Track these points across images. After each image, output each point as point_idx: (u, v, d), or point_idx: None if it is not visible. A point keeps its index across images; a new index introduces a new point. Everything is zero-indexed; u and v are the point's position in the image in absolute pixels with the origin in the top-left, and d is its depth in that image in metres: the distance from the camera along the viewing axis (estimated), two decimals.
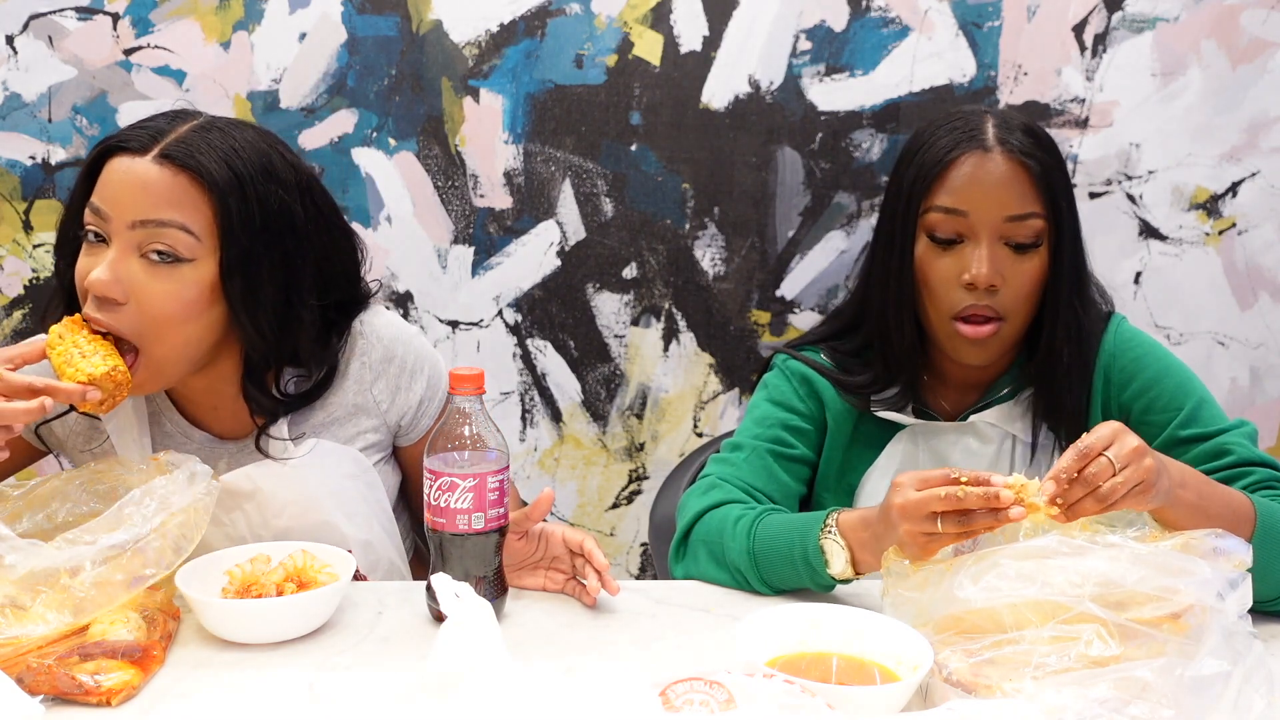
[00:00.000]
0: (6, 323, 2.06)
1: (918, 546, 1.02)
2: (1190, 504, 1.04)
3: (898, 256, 1.25)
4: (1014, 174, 1.19)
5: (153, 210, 1.11)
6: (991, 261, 1.18)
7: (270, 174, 1.16)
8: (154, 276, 1.12)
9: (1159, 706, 0.81)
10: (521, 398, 2.13)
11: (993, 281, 1.19)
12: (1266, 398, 2.13)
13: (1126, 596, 0.90)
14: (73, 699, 0.93)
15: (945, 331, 1.24)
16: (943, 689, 0.89)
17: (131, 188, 1.11)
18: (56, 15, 1.98)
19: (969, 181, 1.19)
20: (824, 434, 1.34)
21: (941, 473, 1.02)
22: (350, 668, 1.01)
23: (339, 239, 1.25)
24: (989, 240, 1.19)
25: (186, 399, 1.27)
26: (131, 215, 1.11)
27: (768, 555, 1.17)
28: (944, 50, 2.01)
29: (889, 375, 1.29)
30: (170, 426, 1.27)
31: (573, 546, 1.19)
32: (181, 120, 1.16)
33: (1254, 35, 2.01)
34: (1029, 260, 1.21)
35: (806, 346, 1.37)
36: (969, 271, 1.19)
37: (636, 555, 2.19)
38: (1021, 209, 1.19)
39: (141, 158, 1.12)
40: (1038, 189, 1.19)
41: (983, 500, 0.98)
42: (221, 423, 1.28)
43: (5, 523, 1.02)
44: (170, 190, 1.11)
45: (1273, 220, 2.07)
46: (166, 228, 1.11)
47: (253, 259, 1.14)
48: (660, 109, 2.03)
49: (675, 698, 0.80)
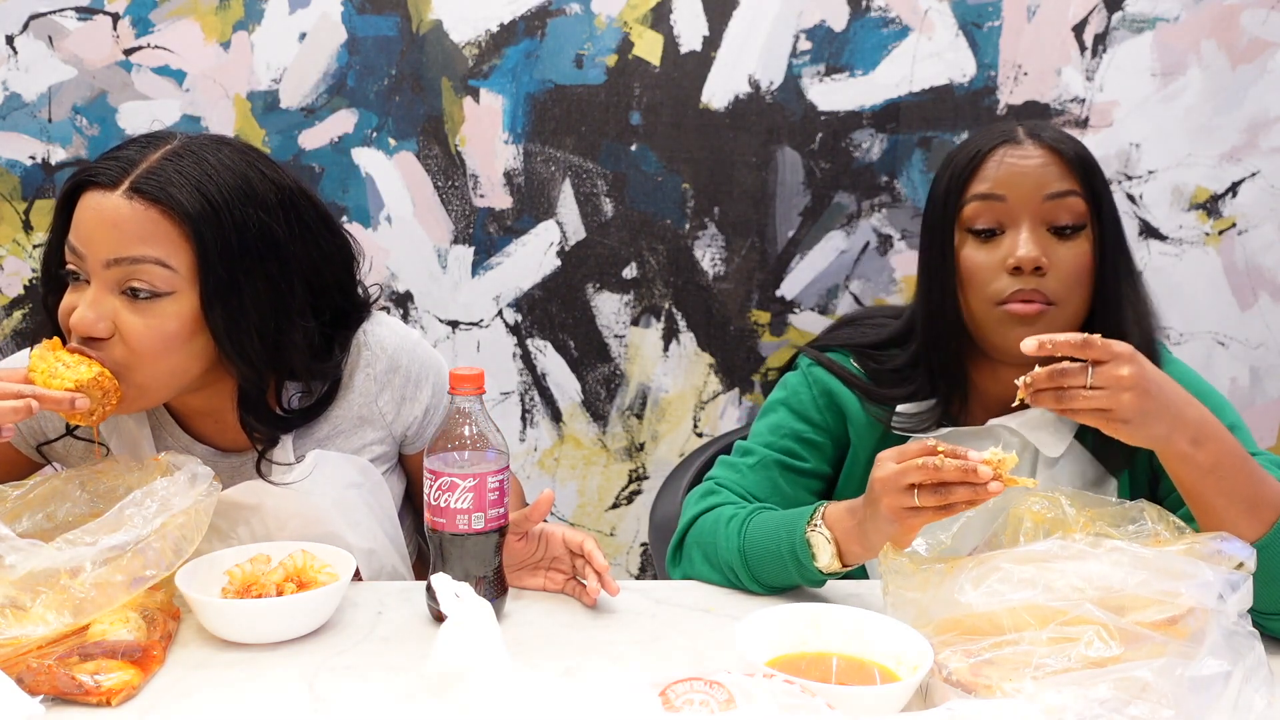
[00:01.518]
0: (6, 323, 2.06)
1: (899, 522, 1.02)
2: (1201, 466, 1.02)
3: (940, 258, 1.21)
4: (1048, 157, 1.17)
5: (126, 247, 1.08)
6: (1035, 242, 1.16)
7: (248, 196, 1.12)
8: (135, 311, 1.10)
9: (1159, 706, 0.81)
10: (521, 398, 2.13)
11: (1038, 262, 1.15)
12: (1266, 398, 2.13)
13: (1127, 600, 0.90)
14: (73, 699, 0.93)
15: (993, 320, 1.18)
16: (943, 689, 0.89)
17: (104, 226, 1.09)
18: (56, 15, 1.98)
19: (1004, 168, 1.18)
20: (840, 448, 1.31)
21: (919, 445, 1.02)
22: (350, 668, 1.01)
23: (329, 250, 1.22)
24: (1030, 223, 1.16)
25: (187, 414, 1.26)
26: (106, 254, 1.09)
27: (757, 553, 1.16)
28: (944, 50, 2.01)
29: (931, 389, 1.25)
30: (172, 442, 1.26)
31: (573, 547, 1.18)
32: (154, 147, 1.13)
33: (1254, 35, 2.01)
34: (1074, 244, 1.17)
35: (836, 349, 1.33)
36: (1013, 255, 1.16)
37: (636, 555, 2.19)
38: (1061, 186, 1.16)
39: (112, 193, 1.09)
40: (1073, 170, 1.17)
41: (960, 473, 0.98)
42: (224, 435, 1.26)
43: (5, 523, 1.02)
44: (142, 226, 1.09)
45: (1273, 220, 2.07)
46: (142, 264, 1.09)
47: (233, 287, 1.12)
48: (660, 109, 2.03)
49: (675, 698, 0.80)
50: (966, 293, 1.20)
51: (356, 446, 1.28)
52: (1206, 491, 1.03)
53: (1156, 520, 1.03)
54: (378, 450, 1.30)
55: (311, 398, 1.24)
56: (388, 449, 1.31)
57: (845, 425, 1.29)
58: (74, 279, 1.12)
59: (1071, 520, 1.04)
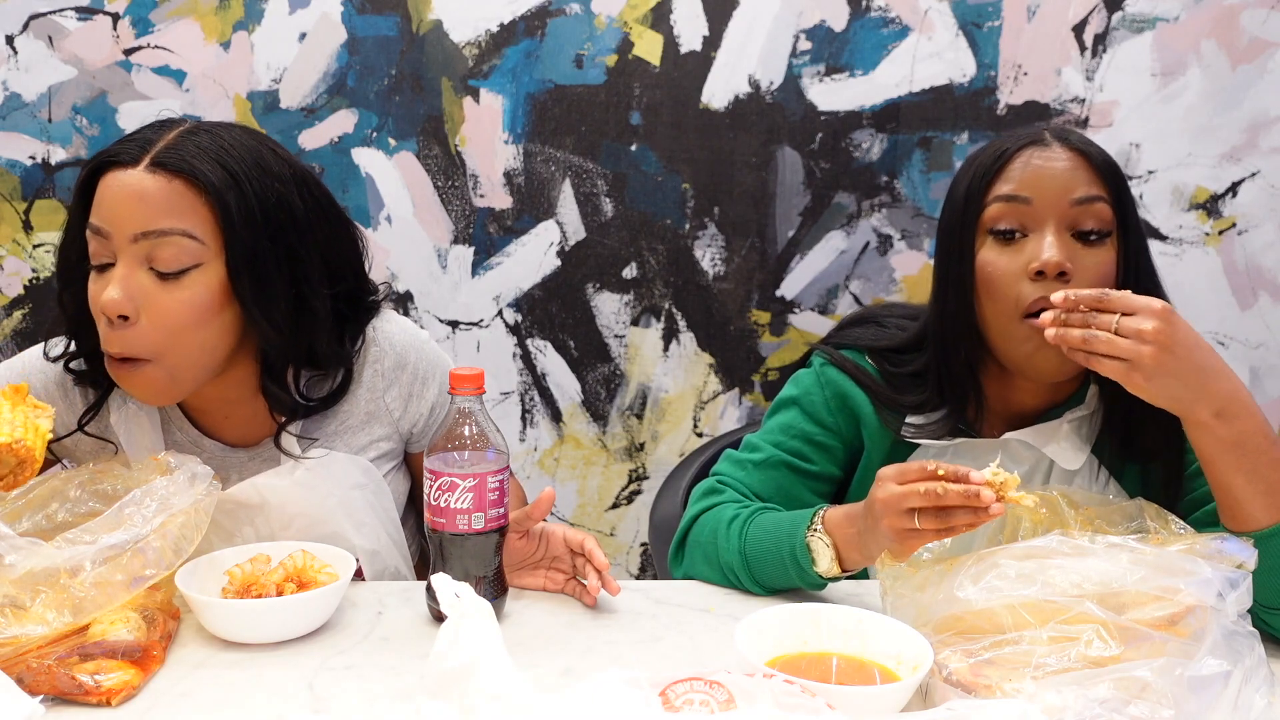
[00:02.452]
0: (6, 323, 2.06)
1: (899, 541, 1.01)
2: (1223, 440, 1.00)
3: (957, 262, 1.16)
4: (1076, 160, 1.13)
5: (153, 221, 1.10)
6: (1061, 247, 1.11)
7: (264, 169, 1.15)
8: (163, 288, 1.11)
9: (1159, 706, 0.81)
10: (521, 398, 2.13)
11: (1064, 267, 1.09)
12: (1266, 398, 2.13)
13: (1127, 597, 0.90)
14: (73, 699, 0.93)
15: (1016, 338, 1.13)
16: (943, 689, 0.89)
17: (129, 201, 1.10)
18: (56, 15, 1.98)
19: (1031, 170, 1.14)
20: (852, 451, 1.28)
21: (919, 466, 1.00)
22: (350, 668, 1.01)
23: (339, 230, 1.24)
24: (1055, 227, 1.12)
25: (198, 409, 1.27)
26: (132, 229, 1.10)
27: (758, 555, 1.16)
28: (944, 50, 2.01)
29: (940, 399, 1.21)
30: (181, 436, 1.27)
31: (573, 546, 1.18)
32: (168, 128, 1.15)
33: (1254, 35, 2.01)
34: (1099, 252, 1.13)
35: (850, 348, 1.29)
36: (1038, 259, 1.10)
37: (636, 555, 2.19)
38: (1088, 191, 1.12)
39: (134, 169, 1.11)
40: (1101, 175, 1.14)
41: (962, 498, 0.96)
42: (233, 430, 1.27)
43: (5, 522, 1.01)
44: (167, 199, 1.10)
45: (1273, 220, 2.07)
46: (169, 235, 1.10)
47: (258, 254, 1.14)
48: (660, 109, 2.03)
49: (675, 698, 0.80)
50: (984, 299, 1.15)
51: (364, 443, 1.28)
52: (1226, 467, 1.02)
53: (1155, 519, 1.02)
54: (384, 447, 1.30)
55: (324, 388, 1.25)
56: (394, 446, 1.31)
57: (858, 429, 1.26)
58: (98, 268, 1.13)
59: (1070, 520, 1.04)
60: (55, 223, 2.03)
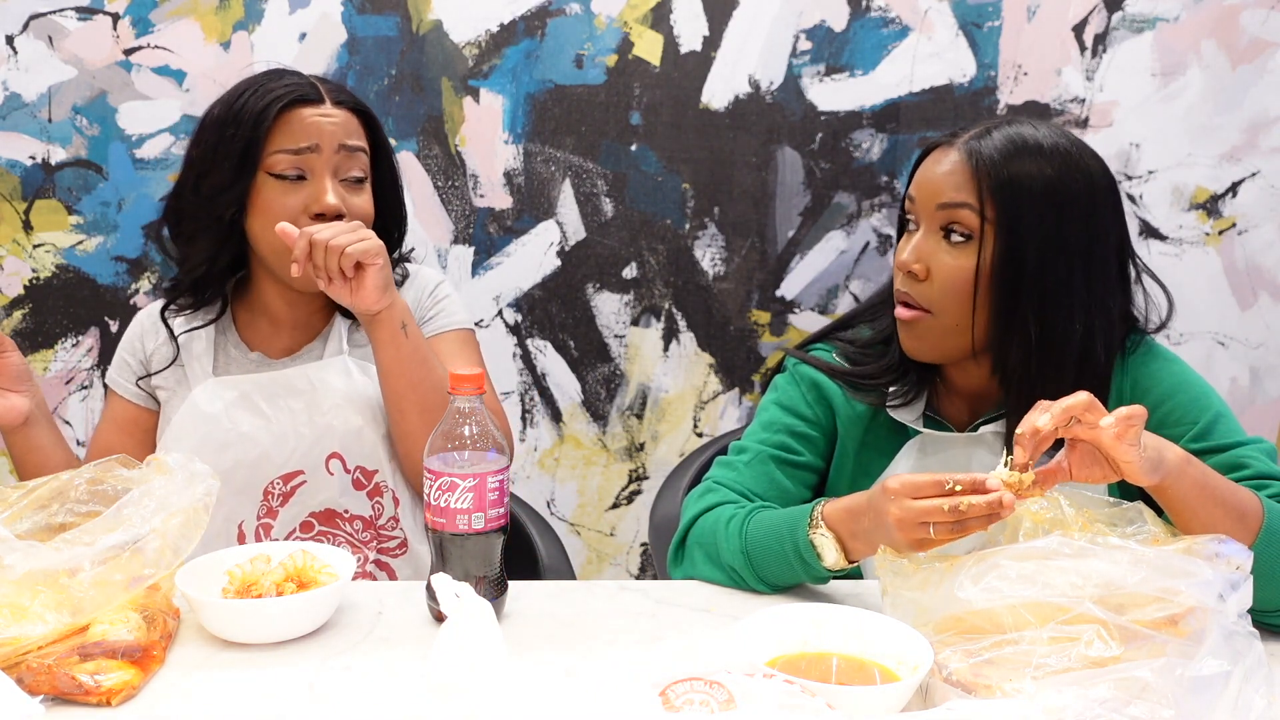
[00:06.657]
0: (7, 323, 2.06)
1: (913, 549, 1.03)
2: (1195, 480, 1.03)
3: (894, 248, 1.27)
4: (958, 166, 1.18)
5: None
6: (917, 246, 1.20)
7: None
8: (354, 193, 1.38)
9: (1159, 706, 0.81)
10: (521, 398, 2.13)
11: (911, 266, 1.19)
12: (1266, 398, 2.13)
13: (1127, 598, 0.90)
14: (73, 699, 0.93)
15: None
16: (943, 689, 0.89)
17: (331, 132, 1.35)
18: (56, 15, 1.98)
19: (922, 170, 1.22)
20: (830, 440, 1.33)
21: (933, 480, 1.01)
22: (350, 668, 1.01)
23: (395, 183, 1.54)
24: (926, 227, 1.20)
25: (250, 317, 1.46)
26: (338, 140, 1.36)
27: (761, 554, 1.17)
28: (944, 50, 2.01)
29: (903, 365, 1.28)
30: (232, 349, 1.44)
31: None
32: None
33: (1254, 35, 2.01)
34: (959, 255, 1.18)
35: (817, 345, 1.36)
36: (900, 256, 1.22)
37: (636, 555, 2.19)
38: (953, 198, 1.17)
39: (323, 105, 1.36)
40: (981, 184, 1.16)
41: (985, 508, 0.98)
42: (277, 344, 1.45)
43: (5, 524, 1.02)
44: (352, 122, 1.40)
45: (1273, 220, 2.07)
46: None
47: None
48: (660, 109, 2.03)
49: (675, 698, 0.80)
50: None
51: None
52: (1201, 510, 1.04)
53: (1154, 522, 1.03)
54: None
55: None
56: None
57: (834, 418, 1.32)
58: (294, 177, 1.34)
59: (1070, 520, 1.03)
60: (55, 223, 2.03)
